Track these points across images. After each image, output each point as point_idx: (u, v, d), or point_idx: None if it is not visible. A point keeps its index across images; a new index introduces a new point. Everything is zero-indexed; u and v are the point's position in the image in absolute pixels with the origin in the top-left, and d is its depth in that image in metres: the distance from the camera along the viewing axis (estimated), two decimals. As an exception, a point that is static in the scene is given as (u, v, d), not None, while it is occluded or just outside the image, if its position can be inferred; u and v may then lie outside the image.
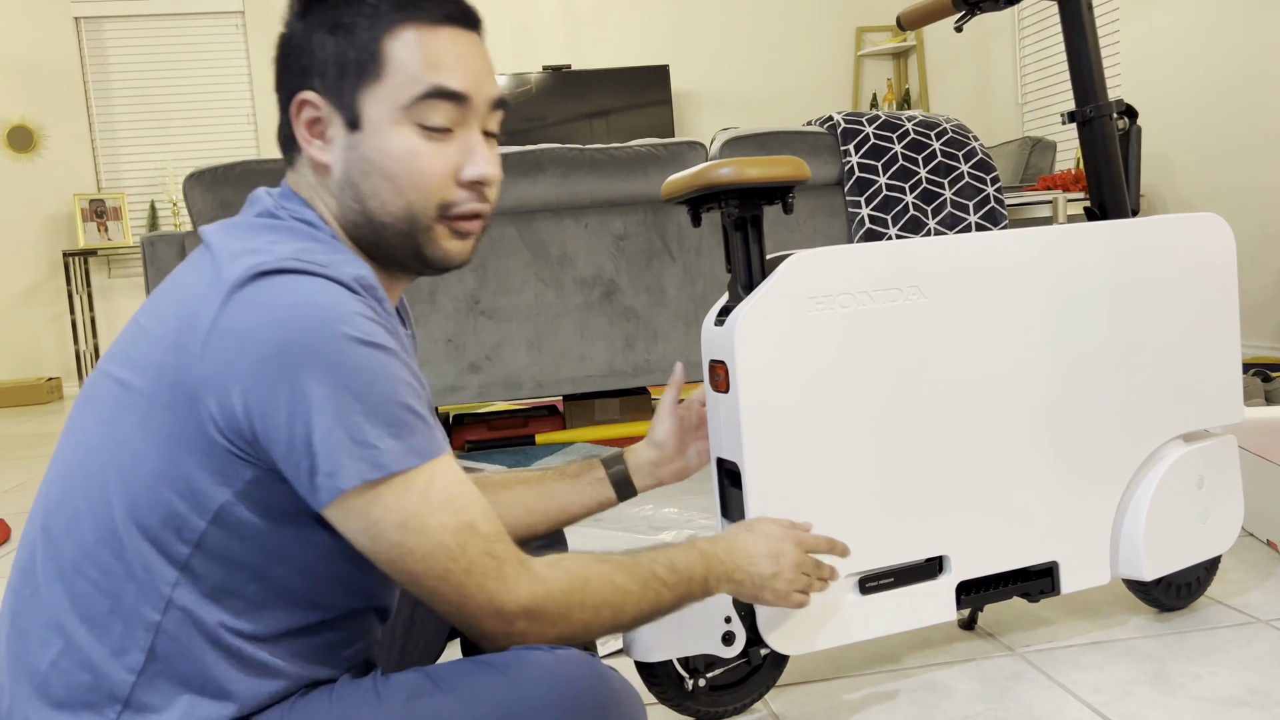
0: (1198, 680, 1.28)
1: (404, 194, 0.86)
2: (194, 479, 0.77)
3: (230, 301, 0.76)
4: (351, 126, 0.85)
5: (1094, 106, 1.44)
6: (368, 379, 0.76)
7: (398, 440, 0.77)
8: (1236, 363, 1.43)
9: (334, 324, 0.76)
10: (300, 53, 0.86)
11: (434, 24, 0.86)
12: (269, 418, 0.75)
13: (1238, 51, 3.99)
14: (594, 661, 0.82)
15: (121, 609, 0.78)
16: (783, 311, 1.18)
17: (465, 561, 0.79)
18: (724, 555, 1.00)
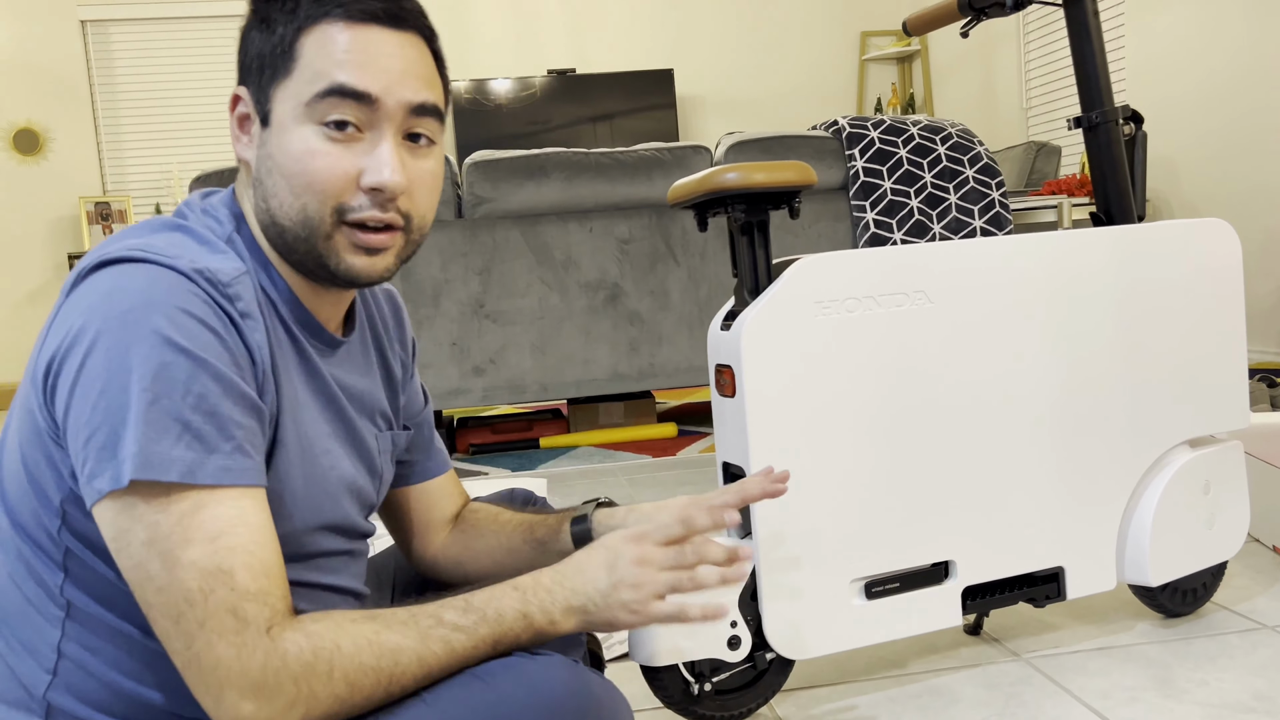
0: (1204, 686, 1.28)
1: (299, 195, 0.80)
2: (39, 472, 0.76)
3: (73, 292, 0.75)
4: (264, 123, 0.82)
5: (1100, 112, 1.44)
6: (151, 379, 0.70)
7: (156, 448, 0.70)
8: (1242, 368, 1.43)
9: (143, 311, 0.71)
10: (242, 49, 0.85)
11: (353, 21, 0.81)
12: (66, 406, 0.72)
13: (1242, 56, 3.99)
14: (576, 667, 0.80)
15: (32, 607, 0.78)
16: (789, 316, 1.18)
17: (202, 611, 0.69)
18: (549, 583, 0.83)
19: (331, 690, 0.72)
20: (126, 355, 0.70)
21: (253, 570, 0.71)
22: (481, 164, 3.07)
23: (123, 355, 0.70)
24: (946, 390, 1.26)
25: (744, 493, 0.98)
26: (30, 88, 6.05)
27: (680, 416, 3.77)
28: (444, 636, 0.77)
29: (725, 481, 1.28)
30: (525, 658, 0.79)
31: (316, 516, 0.86)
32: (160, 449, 0.70)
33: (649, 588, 0.84)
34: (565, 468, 2.91)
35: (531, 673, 0.78)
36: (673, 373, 3.22)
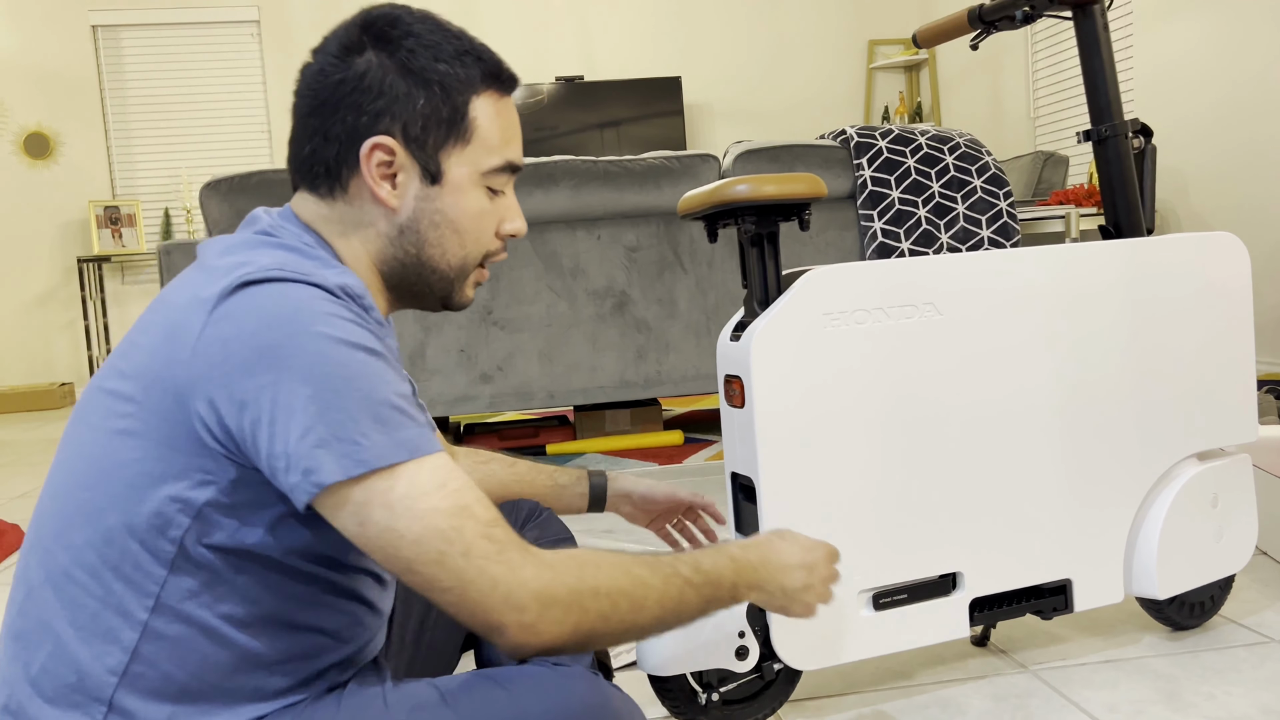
0: (1211, 700, 1.28)
1: (466, 246, 0.93)
2: (179, 479, 0.78)
3: (216, 310, 0.78)
4: (431, 180, 0.90)
5: (1109, 125, 1.44)
6: (349, 376, 0.76)
7: (383, 435, 0.76)
8: (1251, 381, 1.43)
9: (313, 324, 0.77)
10: (374, 94, 0.88)
11: (503, 94, 0.93)
12: (252, 419, 0.76)
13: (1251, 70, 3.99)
14: (596, 679, 0.82)
15: (108, 610, 0.79)
16: (799, 327, 1.19)
17: (461, 544, 0.76)
18: (757, 563, 0.96)
19: (597, 605, 0.78)
20: (325, 363, 0.76)
21: (482, 503, 0.78)
22: (490, 171, 3.07)
23: (321, 364, 0.76)
24: (955, 402, 1.26)
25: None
26: (41, 92, 6.08)
27: (687, 424, 3.77)
28: (680, 586, 0.85)
29: (734, 491, 1.28)
30: (546, 667, 0.81)
31: None
32: (393, 435, 0.77)
33: (825, 595, 1.02)
34: (572, 475, 2.91)
35: (552, 683, 0.79)
36: (679, 380, 3.22)
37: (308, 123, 0.91)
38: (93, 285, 6.08)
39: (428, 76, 0.89)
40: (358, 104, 0.88)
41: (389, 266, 0.93)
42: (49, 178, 6.10)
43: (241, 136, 6.30)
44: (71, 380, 6.16)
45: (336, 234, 0.92)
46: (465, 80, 0.90)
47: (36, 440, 4.44)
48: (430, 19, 0.92)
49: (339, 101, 0.89)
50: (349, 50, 0.89)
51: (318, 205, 0.92)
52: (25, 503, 3.02)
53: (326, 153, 0.90)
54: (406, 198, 0.90)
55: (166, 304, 0.83)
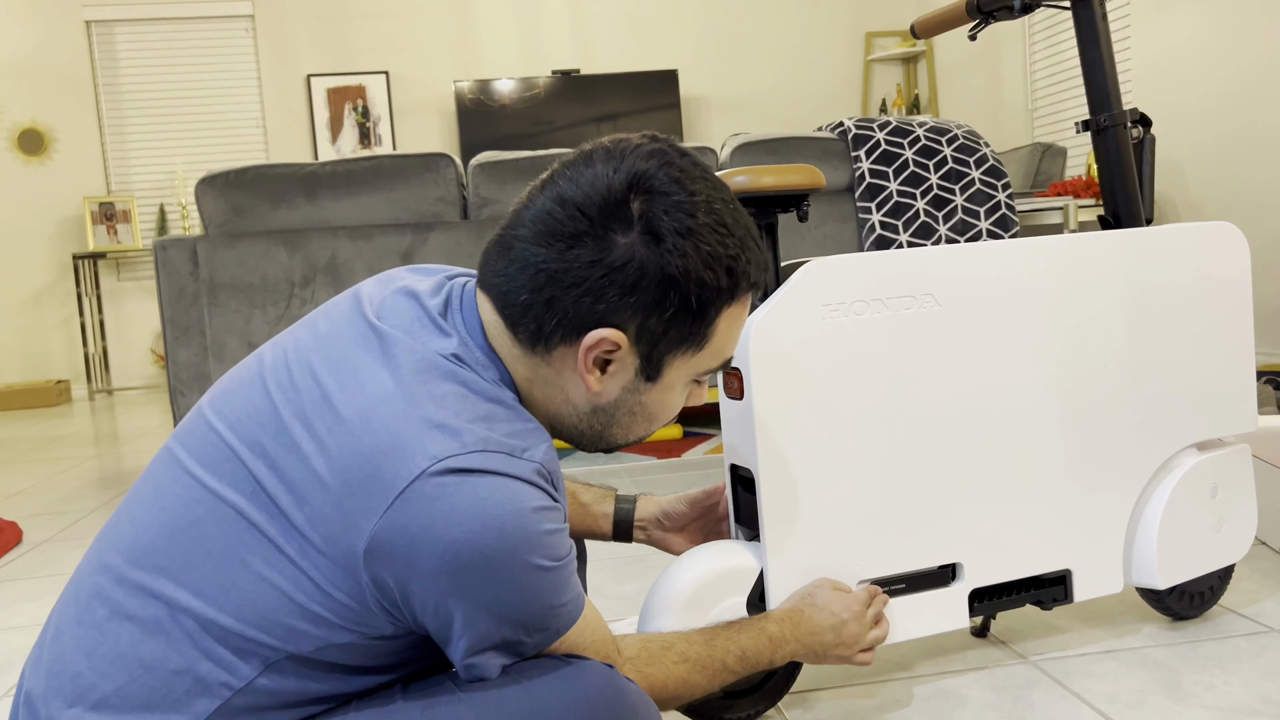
0: (1211, 690, 1.28)
1: (652, 427, 0.92)
2: (325, 614, 0.77)
3: (410, 493, 0.74)
4: (647, 378, 0.86)
5: (1108, 115, 1.44)
6: (532, 598, 0.79)
7: (542, 635, 0.82)
8: (1250, 372, 1.43)
9: (517, 552, 0.76)
10: (625, 289, 0.80)
11: (746, 296, 0.88)
12: (428, 614, 0.77)
13: (1249, 58, 3.98)
14: (610, 672, 0.83)
15: (193, 675, 0.77)
16: (797, 318, 1.18)
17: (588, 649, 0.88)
18: (790, 636, 1.09)
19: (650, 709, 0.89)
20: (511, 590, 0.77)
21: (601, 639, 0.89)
22: (487, 165, 3.07)
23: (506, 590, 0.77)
24: (954, 392, 1.26)
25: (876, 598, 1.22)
26: (35, 88, 6.06)
27: (685, 418, 3.77)
28: (723, 679, 1.02)
29: (733, 483, 1.28)
30: (561, 661, 0.81)
31: None
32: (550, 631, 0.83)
33: (860, 645, 1.14)
34: (570, 469, 2.91)
35: (568, 676, 0.80)
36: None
37: (536, 277, 0.81)
38: (88, 282, 6.07)
39: (688, 289, 0.81)
40: (602, 292, 0.80)
41: (565, 428, 0.89)
42: (43, 174, 6.08)
43: (236, 131, 6.28)
44: (67, 378, 6.15)
45: (523, 378, 0.86)
46: (725, 290, 0.83)
47: (33, 438, 4.43)
48: (711, 204, 0.82)
49: (582, 280, 0.80)
50: (611, 222, 0.80)
51: (511, 344, 0.85)
52: (23, 499, 3.02)
53: (544, 318, 0.82)
54: (613, 386, 0.86)
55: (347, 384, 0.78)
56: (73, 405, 5.77)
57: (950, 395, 1.26)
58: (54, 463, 3.67)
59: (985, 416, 1.28)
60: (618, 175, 0.81)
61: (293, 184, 2.97)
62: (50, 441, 4.26)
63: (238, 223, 2.97)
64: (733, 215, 0.84)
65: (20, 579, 2.16)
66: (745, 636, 1.03)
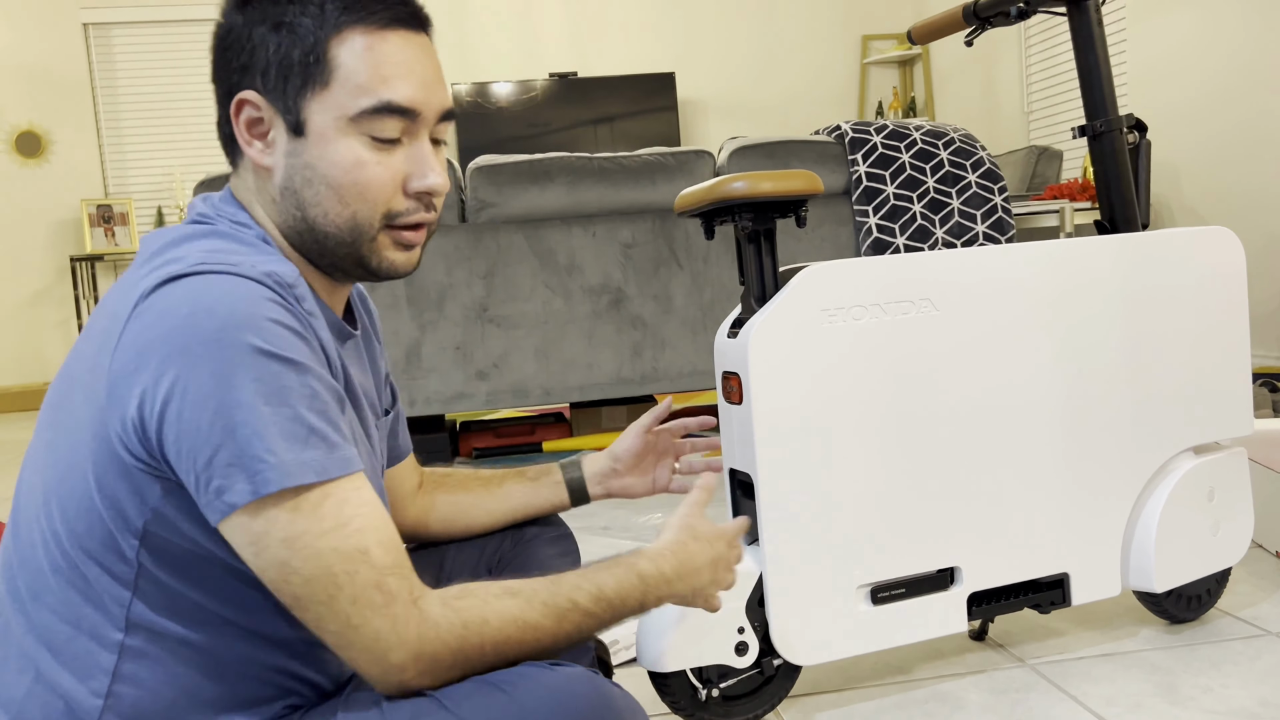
0: (1208, 693, 1.28)
1: (349, 204, 0.83)
2: (118, 499, 0.76)
3: (135, 311, 0.74)
4: (295, 132, 0.82)
5: (1104, 121, 1.44)
6: (264, 391, 0.72)
7: (291, 455, 0.72)
8: (1246, 375, 1.44)
9: (235, 330, 0.72)
10: (239, 48, 0.83)
11: (382, 27, 0.82)
12: (166, 428, 0.73)
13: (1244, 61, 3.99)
14: (596, 679, 0.81)
15: (83, 633, 0.77)
16: (796, 323, 1.19)
17: (351, 590, 0.73)
18: (671, 575, 0.92)
19: (484, 660, 0.78)
20: (233, 372, 0.72)
21: (384, 546, 0.75)
22: (485, 169, 3.07)
23: (229, 373, 0.72)
24: (952, 397, 1.27)
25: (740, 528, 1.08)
26: (32, 90, 6.05)
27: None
28: (577, 622, 0.83)
29: (732, 487, 1.28)
30: (546, 669, 0.79)
31: None
32: (293, 455, 0.72)
33: (727, 584, 1.00)
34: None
35: (553, 685, 0.78)
36: (676, 377, 3.22)
37: (215, 90, 0.86)
38: (86, 284, 6.07)
39: (282, 19, 0.81)
40: (229, 61, 0.84)
41: (289, 235, 0.86)
42: (41, 177, 6.08)
43: (234, 134, 6.28)
44: (65, 380, 6.14)
45: (255, 204, 0.86)
46: (323, 17, 0.81)
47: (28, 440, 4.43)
48: None
49: (216, 62, 0.85)
50: (223, 14, 0.85)
51: (235, 180, 0.87)
52: (20, 503, 3.01)
53: (220, 122, 0.86)
54: (277, 156, 0.83)
55: (102, 308, 0.79)
56: (70, 408, 5.76)
57: (948, 400, 1.26)
58: (51, 466, 3.67)
59: (983, 421, 1.28)
60: None
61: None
62: (47, 445, 4.25)
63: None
64: None
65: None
66: (606, 574, 0.86)
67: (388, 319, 3.05)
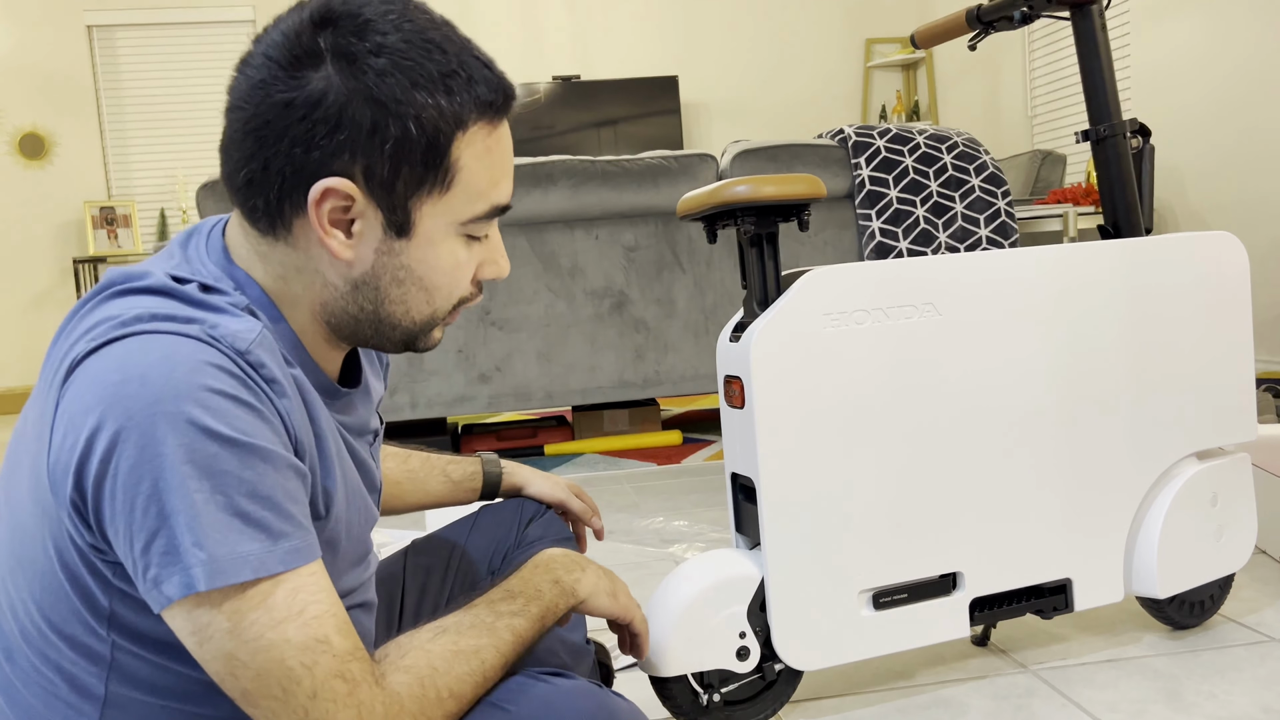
0: (1212, 699, 1.28)
1: (434, 302, 0.79)
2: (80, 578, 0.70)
3: (68, 381, 0.68)
4: (398, 233, 0.75)
5: (1108, 125, 1.44)
6: (197, 476, 0.65)
7: (225, 549, 0.65)
8: (1250, 381, 1.44)
9: (171, 402, 0.65)
10: (330, 125, 0.71)
11: (497, 122, 0.77)
12: (103, 508, 0.67)
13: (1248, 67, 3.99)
14: (599, 692, 0.80)
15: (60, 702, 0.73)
16: (798, 328, 1.19)
17: (311, 684, 0.67)
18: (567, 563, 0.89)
19: (443, 709, 0.73)
20: (164, 453, 0.65)
21: (342, 631, 0.69)
22: (488, 171, 3.07)
23: (160, 453, 0.65)
24: (955, 402, 1.26)
25: None
26: (36, 92, 6.07)
27: (685, 424, 3.77)
28: (508, 624, 0.80)
29: (734, 491, 1.28)
30: (548, 683, 0.78)
31: (356, 553, 0.86)
32: (227, 549, 0.66)
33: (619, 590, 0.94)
34: (571, 475, 2.91)
35: (555, 700, 0.77)
36: (678, 380, 3.22)
37: (244, 144, 0.74)
38: (88, 286, 6.07)
39: (402, 111, 0.71)
40: (309, 137, 0.71)
41: (337, 320, 0.79)
42: (44, 178, 6.09)
43: (238, 137, 6.29)
44: (68, 381, 6.15)
45: (274, 276, 0.77)
46: (449, 114, 0.73)
47: (33, 442, 4.43)
48: (406, 19, 0.73)
49: (285, 130, 0.71)
50: (301, 60, 0.71)
51: (256, 241, 0.77)
52: (22, 504, 3.01)
53: (266, 188, 0.74)
54: (363, 249, 0.75)
55: (47, 363, 0.73)
56: (72, 409, 5.76)
57: (950, 404, 1.26)
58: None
59: (986, 426, 1.28)
60: (302, 15, 0.73)
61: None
62: (50, 446, 4.25)
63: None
64: (440, 32, 0.74)
65: None
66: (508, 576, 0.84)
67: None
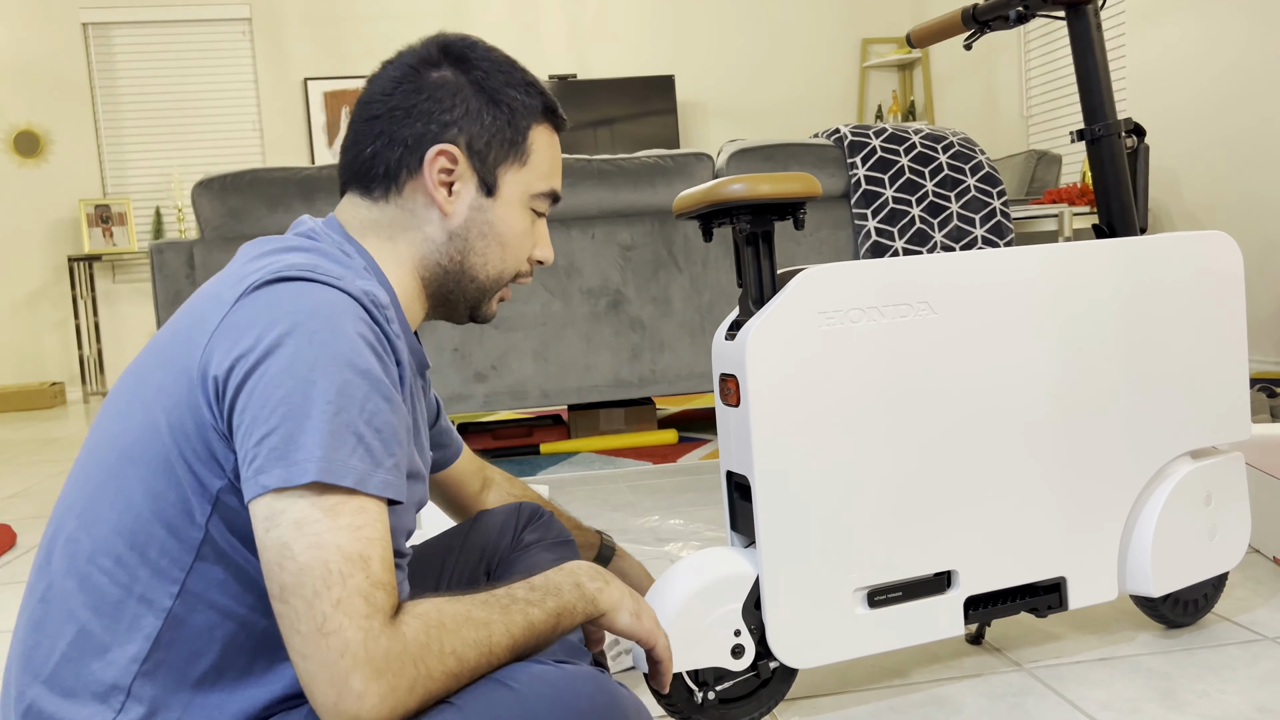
0: (1205, 698, 1.28)
1: (505, 260, 1.00)
2: (195, 463, 0.79)
3: (241, 300, 0.81)
4: (487, 192, 0.97)
5: (1103, 125, 1.44)
6: (334, 394, 0.77)
7: (337, 456, 0.75)
8: (1244, 380, 1.44)
9: (328, 334, 0.78)
10: (447, 105, 0.95)
11: (556, 129, 1.03)
12: (240, 397, 0.77)
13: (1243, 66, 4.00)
14: (601, 678, 0.83)
15: (133, 596, 0.79)
16: (793, 326, 1.19)
17: (339, 592, 0.73)
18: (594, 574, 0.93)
19: (443, 667, 0.76)
20: (312, 368, 0.77)
21: (385, 562, 0.76)
22: (484, 170, 3.07)
23: (309, 367, 0.77)
24: (949, 401, 1.27)
25: None
26: (31, 90, 6.05)
27: (681, 423, 3.77)
28: (522, 610, 0.84)
29: (729, 490, 1.28)
30: (552, 667, 0.81)
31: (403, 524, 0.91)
32: (339, 456, 0.76)
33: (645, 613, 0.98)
34: (566, 474, 2.91)
35: (559, 683, 0.80)
36: (674, 379, 3.22)
37: (372, 126, 0.95)
38: (83, 284, 6.06)
39: (498, 98, 0.96)
40: (430, 112, 0.94)
41: (430, 271, 0.98)
42: (39, 176, 6.07)
43: (233, 135, 6.28)
44: (62, 380, 6.14)
45: (384, 238, 0.96)
46: (529, 108, 0.98)
47: (28, 440, 4.42)
48: (500, 51, 1.00)
49: (412, 108, 0.94)
50: (426, 64, 0.96)
51: (368, 209, 0.96)
52: (16, 502, 3.01)
53: (390, 155, 0.95)
54: (461, 205, 0.96)
55: (201, 295, 0.86)
56: (67, 408, 5.75)
57: (945, 403, 1.26)
58: (48, 465, 3.67)
59: (980, 424, 1.28)
60: (427, 44, 0.98)
61: (290, 188, 2.97)
62: (44, 444, 4.25)
63: (234, 226, 2.97)
64: (521, 64, 1.01)
65: (14, 582, 2.16)
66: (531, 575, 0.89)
67: (386, 320, 3.05)
